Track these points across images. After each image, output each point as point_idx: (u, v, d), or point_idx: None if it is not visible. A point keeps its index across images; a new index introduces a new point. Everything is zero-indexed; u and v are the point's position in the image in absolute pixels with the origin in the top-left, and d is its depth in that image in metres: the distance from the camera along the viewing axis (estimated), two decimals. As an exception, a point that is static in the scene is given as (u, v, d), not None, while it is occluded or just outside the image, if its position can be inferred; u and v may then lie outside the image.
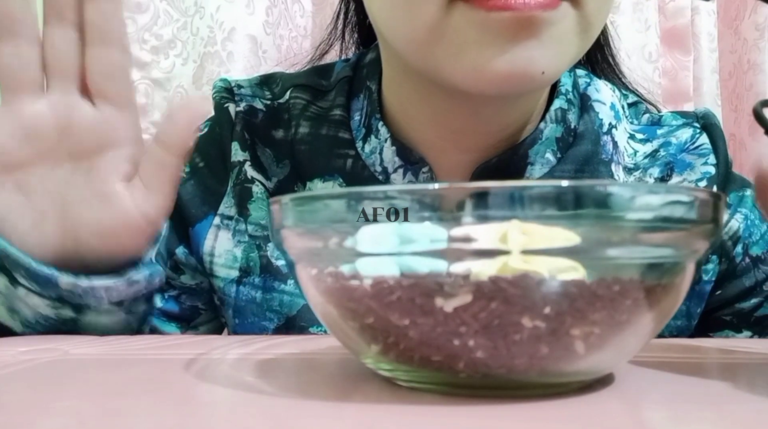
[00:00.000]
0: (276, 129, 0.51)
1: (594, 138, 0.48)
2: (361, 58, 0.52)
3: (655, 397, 0.22)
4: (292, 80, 0.52)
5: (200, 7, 0.78)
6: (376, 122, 0.48)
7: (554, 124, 0.47)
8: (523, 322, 0.20)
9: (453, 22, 0.37)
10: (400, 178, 0.47)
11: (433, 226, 0.20)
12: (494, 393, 0.22)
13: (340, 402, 0.22)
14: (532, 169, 0.46)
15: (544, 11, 0.36)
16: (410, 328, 0.21)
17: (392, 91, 0.48)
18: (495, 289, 0.20)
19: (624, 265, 0.21)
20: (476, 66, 0.37)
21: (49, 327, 0.38)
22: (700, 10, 0.84)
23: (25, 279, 0.36)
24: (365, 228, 0.20)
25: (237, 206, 0.50)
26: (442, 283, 0.20)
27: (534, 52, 0.37)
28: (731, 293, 0.49)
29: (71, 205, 0.38)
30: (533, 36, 0.36)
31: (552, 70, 0.38)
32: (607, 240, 0.20)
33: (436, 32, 0.37)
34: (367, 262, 0.21)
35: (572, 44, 0.38)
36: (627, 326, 0.21)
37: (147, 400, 0.22)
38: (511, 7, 0.35)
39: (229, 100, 0.51)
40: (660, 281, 0.21)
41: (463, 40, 0.37)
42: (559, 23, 0.37)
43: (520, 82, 0.38)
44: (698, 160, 0.49)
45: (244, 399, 0.22)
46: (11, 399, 0.23)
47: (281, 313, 0.49)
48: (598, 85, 0.50)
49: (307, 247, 0.23)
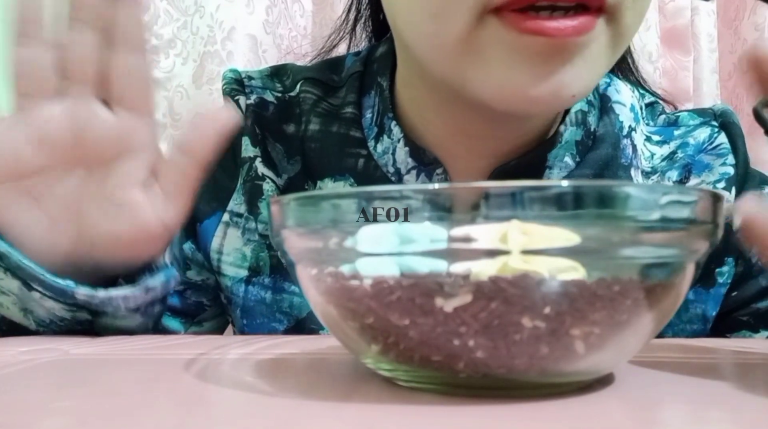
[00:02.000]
0: (287, 123, 0.49)
1: (614, 141, 0.46)
2: (371, 51, 0.51)
3: (655, 397, 0.22)
4: (303, 73, 0.51)
5: (200, 6, 0.78)
6: (388, 122, 0.46)
7: (574, 127, 0.46)
8: (523, 322, 0.20)
9: (484, 38, 0.35)
10: (414, 179, 0.46)
11: (433, 226, 0.20)
12: (494, 393, 0.22)
13: (340, 402, 0.22)
14: (551, 173, 0.45)
15: (579, 36, 0.34)
16: (410, 328, 0.21)
17: (406, 91, 0.46)
18: (495, 289, 0.20)
19: (624, 265, 0.21)
20: (505, 85, 0.36)
21: (64, 327, 0.38)
22: (700, 11, 0.84)
23: (40, 288, 0.36)
24: (365, 228, 0.20)
25: (247, 204, 0.49)
26: (442, 283, 0.20)
27: (566, 76, 0.35)
28: (748, 293, 0.48)
29: (86, 211, 0.37)
30: (566, 61, 0.35)
31: (582, 92, 0.37)
32: (607, 240, 0.20)
33: (465, 45, 0.36)
34: (367, 262, 0.21)
35: (604, 61, 0.37)
36: (627, 326, 0.21)
37: (147, 400, 0.22)
38: (544, 33, 0.34)
39: (240, 93, 0.50)
40: (660, 281, 0.21)
41: (493, 56, 0.36)
42: (592, 43, 0.36)
43: (550, 105, 0.37)
44: (717, 161, 0.48)
45: (244, 399, 0.22)
46: (11, 399, 0.23)
47: (291, 315, 0.48)
48: (618, 85, 0.49)
49: (307, 248, 0.23)
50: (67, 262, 0.37)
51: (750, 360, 0.29)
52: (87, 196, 0.37)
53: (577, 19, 0.34)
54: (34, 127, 0.36)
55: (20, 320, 0.38)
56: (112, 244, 0.37)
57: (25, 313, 0.37)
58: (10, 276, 0.36)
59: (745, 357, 0.30)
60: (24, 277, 0.36)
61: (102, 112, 0.37)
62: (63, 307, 0.37)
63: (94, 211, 0.37)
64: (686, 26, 0.84)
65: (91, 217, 0.37)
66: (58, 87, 0.36)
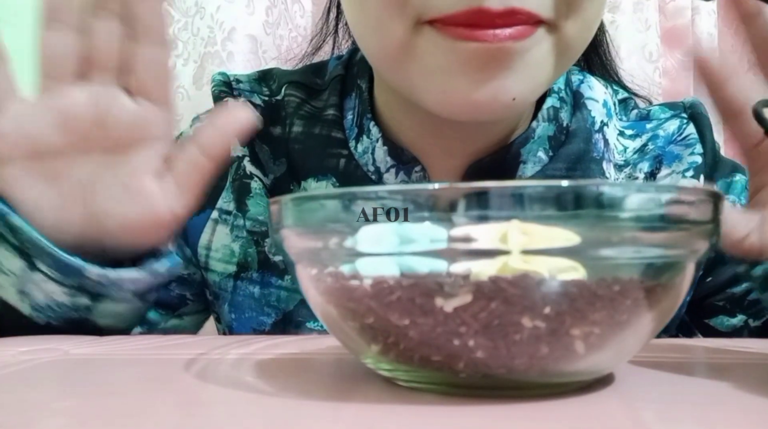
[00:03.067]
0: (274, 126, 0.51)
1: (586, 136, 0.48)
2: (353, 55, 0.52)
3: (655, 397, 0.22)
4: (287, 77, 0.52)
5: (200, 7, 0.78)
6: (367, 122, 0.48)
7: (546, 123, 0.47)
8: (523, 322, 0.20)
9: (421, 45, 0.37)
10: (393, 177, 0.47)
11: (433, 226, 0.20)
12: (494, 393, 0.22)
13: (340, 402, 0.22)
14: (525, 168, 0.46)
15: (515, 42, 0.35)
16: (410, 328, 0.21)
17: (381, 94, 0.48)
18: (495, 289, 0.20)
19: (624, 265, 0.21)
20: (445, 91, 0.37)
21: (61, 313, 0.38)
22: (700, 10, 0.84)
23: (48, 267, 0.36)
24: (365, 228, 0.20)
25: (236, 201, 0.50)
26: (442, 283, 0.20)
27: (505, 81, 0.36)
28: (722, 279, 0.49)
29: (99, 195, 0.38)
30: (504, 66, 0.36)
31: (524, 97, 0.38)
32: (607, 240, 0.20)
33: (405, 54, 0.37)
34: (367, 262, 0.21)
35: (547, 69, 0.38)
36: (627, 326, 0.21)
37: (147, 400, 0.22)
38: (478, 38, 0.35)
39: (228, 95, 0.51)
40: (660, 281, 0.21)
41: (432, 64, 0.37)
42: (532, 49, 0.36)
43: (491, 109, 0.37)
44: (685, 151, 0.49)
45: (244, 399, 0.22)
46: (11, 399, 0.23)
47: (278, 308, 0.49)
48: (591, 82, 0.50)
49: (307, 247, 0.23)
50: (75, 243, 0.37)
51: (750, 360, 0.29)
52: (101, 181, 0.38)
53: (513, 27, 0.35)
54: (57, 109, 0.36)
55: (15, 303, 0.38)
56: (121, 229, 0.38)
57: (22, 295, 0.37)
58: (16, 254, 0.36)
59: (745, 357, 0.30)
60: (33, 253, 0.36)
61: (123, 99, 0.37)
62: (63, 291, 0.37)
63: (107, 196, 0.38)
64: (687, 26, 0.84)
65: (103, 201, 0.38)
66: (82, 72, 0.37)
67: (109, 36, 0.37)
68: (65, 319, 0.38)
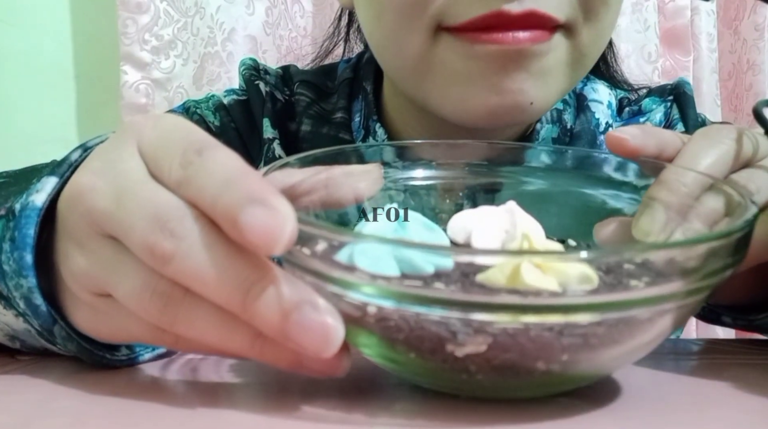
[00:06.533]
0: (291, 121, 0.51)
1: (590, 138, 0.48)
2: (360, 58, 0.52)
3: (655, 397, 0.22)
4: (300, 76, 0.53)
5: (200, 7, 0.78)
6: (373, 124, 0.48)
7: (550, 125, 0.47)
8: (537, 366, 0.19)
9: (440, 54, 0.37)
10: None
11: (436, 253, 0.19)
12: (494, 393, 0.22)
13: (340, 402, 0.22)
14: None
15: (533, 44, 0.35)
16: (416, 358, 0.20)
17: (390, 95, 0.48)
18: (513, 343, 0.19)
19: (639, 302, 0.19)
20: (464, 99, 0.37)
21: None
22: (700, 11, 0.84)
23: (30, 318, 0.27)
24: (362, 247, 0.20)
25: None
26: (455, 332, 0.19)
27: (523, 84, 0.36)
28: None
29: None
30: (522, 68, 0.36)
31: (541, 101, 0.37)
32: (625, 284, 0.20)
33: (423, 63, 0.37)
34: (366, 261, 0.20)
35: (563, 75, 0.38)
36: (634, 350, 0.21)
37: (147, 400, 0.22)
38: (497, 41, 0.35)
39: (258, 79, 0.51)
40: (673, 311, 0.20)
41: (450, 72, 0.37)
42: (549, 54, 0.36)
43: (509, 114, 0.37)
44: None
45: (244, 399, 0.22)
46: (11, 399, 0.23)
47: None
48: (595, 84, 0.50)
49: (305, 266, 0.21)
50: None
51: (750, 360, 0.29)
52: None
53: (532, 30, 0.35)
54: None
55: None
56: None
57: (12, 339, 0.30)
58: (22, 321, 0.28)
59: (745, 357, 0.30)
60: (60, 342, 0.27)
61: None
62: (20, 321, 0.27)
63: None
64: (686, 26, 0.84)
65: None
66: None
67: None
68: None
